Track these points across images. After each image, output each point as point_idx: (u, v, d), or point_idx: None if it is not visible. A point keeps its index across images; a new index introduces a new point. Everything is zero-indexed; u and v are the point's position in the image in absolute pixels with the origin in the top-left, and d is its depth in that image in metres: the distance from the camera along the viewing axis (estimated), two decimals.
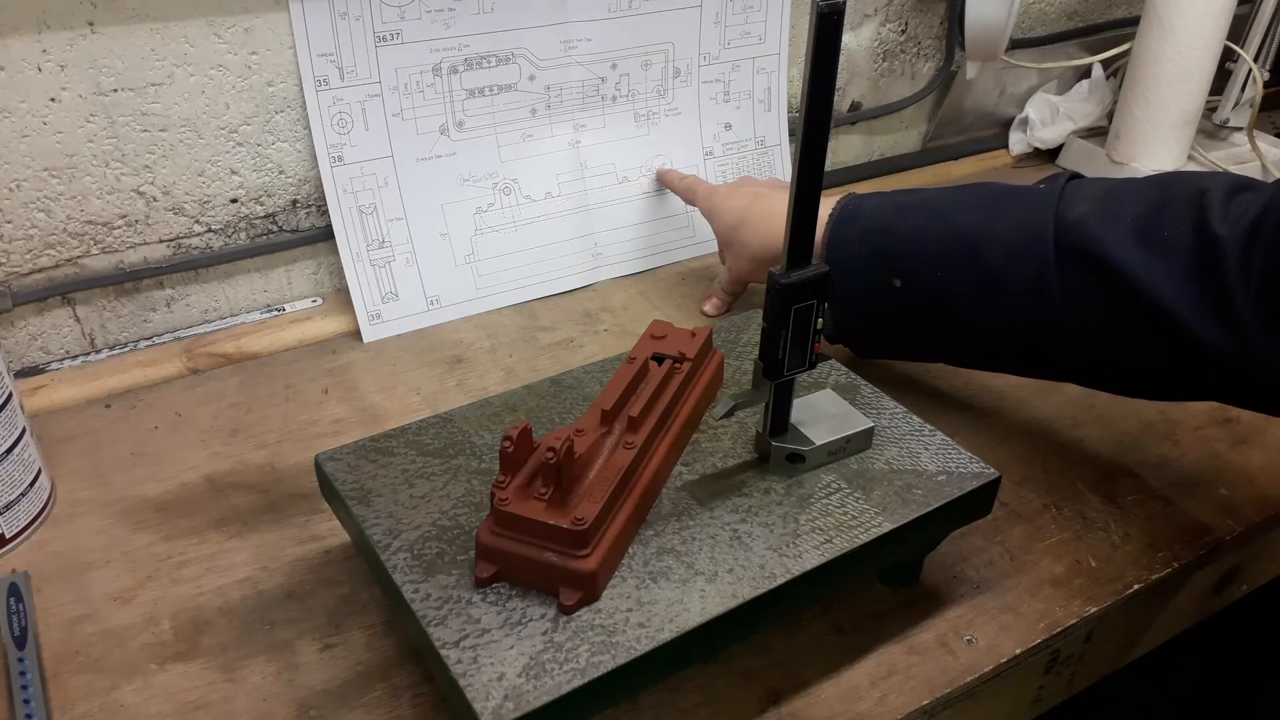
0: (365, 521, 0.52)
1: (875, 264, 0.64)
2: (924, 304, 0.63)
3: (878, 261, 0.64)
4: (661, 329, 0.61)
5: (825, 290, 0.51)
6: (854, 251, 0.65)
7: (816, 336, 0.52)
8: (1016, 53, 1.07)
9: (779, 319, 0.50)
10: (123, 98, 0.71)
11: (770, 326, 0.51)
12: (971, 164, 1.14)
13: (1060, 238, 0.58)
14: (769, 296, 0.50)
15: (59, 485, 0.66)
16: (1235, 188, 0.56)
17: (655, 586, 0.49)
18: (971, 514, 0.56)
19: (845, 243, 0.65)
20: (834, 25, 0.43)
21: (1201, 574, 0.66)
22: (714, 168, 0.95)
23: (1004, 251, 0.60)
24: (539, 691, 0.44)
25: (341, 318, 0.83)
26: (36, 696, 0.51)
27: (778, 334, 0.51)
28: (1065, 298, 0.58)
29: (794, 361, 0.52)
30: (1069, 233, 0.58)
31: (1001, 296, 0.60)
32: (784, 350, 0.51)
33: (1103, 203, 0.58)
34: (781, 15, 0.93)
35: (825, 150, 0.48)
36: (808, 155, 0.47)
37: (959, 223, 0.62)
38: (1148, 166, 1.04)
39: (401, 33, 0.77)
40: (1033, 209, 0.60)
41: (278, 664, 0.54)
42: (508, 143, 0.85)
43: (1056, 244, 0.58)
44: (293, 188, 0.81)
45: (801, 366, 0.53)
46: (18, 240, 0.72)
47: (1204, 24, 0.96)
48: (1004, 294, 0.60)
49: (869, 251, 0.64)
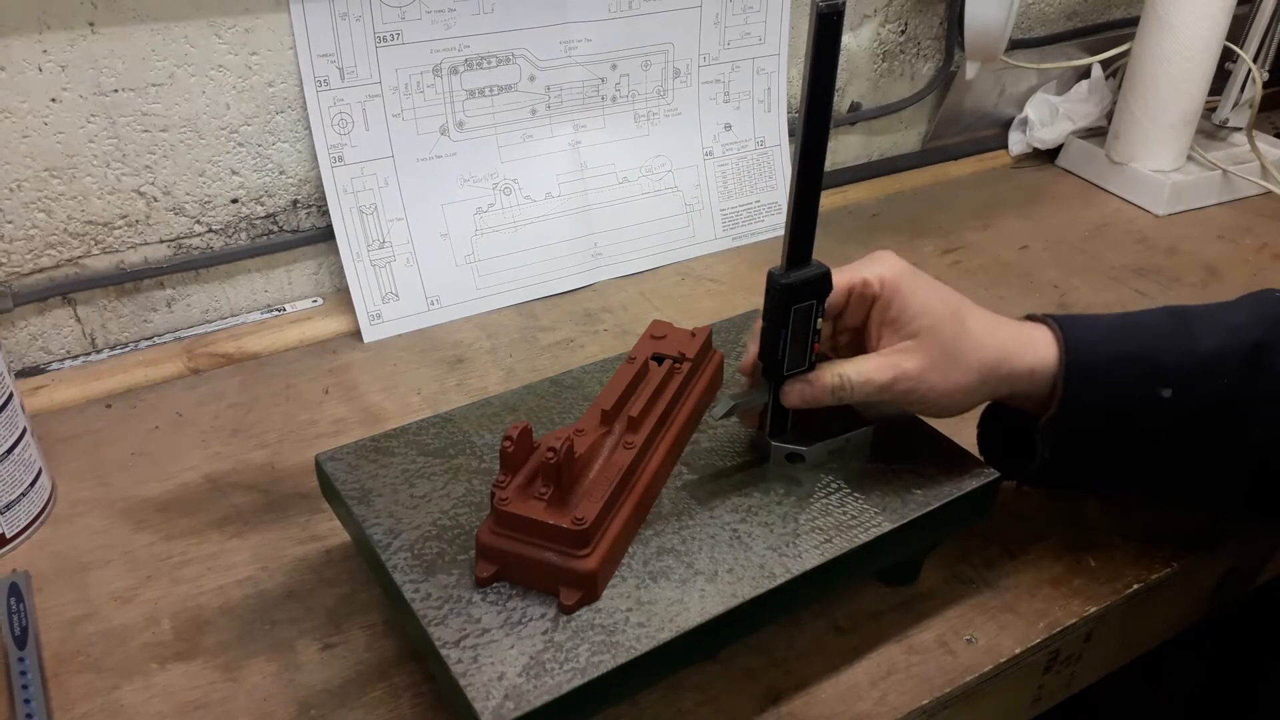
0: (365, 521, 0.52)
1: (1139, 372, 0.54)
2: (1195, 416, 0.54)
3: (1142, 369, 0.54)
4: (661, 329, 0.61)
5: (825, 291, 0.51)
6: (1103, 358, 0.54)
7: (816, 337, 0.52)
8: (1016, 53, 1.07)
9: (778, 319, 0.50)
10: (123, 98, 0.71)
11: (770, 326, 0.51)
12: (971, 164, 1.14)
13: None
14: (768, 297, 0.51)
15: (59, 485, 0.66)
16: None
17: (655, 586, 0.49)
18: (971, 514, 0.56)
19: (1090, 348, 0.54)
20: (834, 26, 0.43)
21: (1201, 574, 0.66)
22: (714, 168, 0.95)
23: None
24: (539, 691, 0.44)
25: (342, 318, 0.83)
26: (37, 696, 0.51)
27: (777, 334, 0.51)
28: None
29: (794, 362, 0.52)
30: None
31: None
32: (783, 350, 0.51)
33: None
34: (781, 15, 0.93)
35: (825, 149, 0.48)
36: (808, 154, 0.47)
37: (1231, 321, 0.55)
38: (1147, 166, 1.04)
39: (402, 33, 0.77)
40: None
41: (278, 664, 0.54)
42: (508, 143, 0.85)
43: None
44: (293, 188, 0.81)
45: (801, 367, 0.53)
46: (18, 240, 0.72)
47: (1204, 24, 0.96)
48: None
49: (1130, 356, 0.54)
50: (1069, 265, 0.94)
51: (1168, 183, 1.03)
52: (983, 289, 0.88)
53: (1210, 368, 0.53)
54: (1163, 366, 0.54)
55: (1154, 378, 0.53)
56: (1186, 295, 0.90)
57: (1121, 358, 0.54)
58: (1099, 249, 0.97)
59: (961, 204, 1.05)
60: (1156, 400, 0.53)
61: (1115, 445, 0.55)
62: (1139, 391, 0.54)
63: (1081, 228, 1.01)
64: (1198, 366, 0.53)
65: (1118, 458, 0.56)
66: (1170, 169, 1.04)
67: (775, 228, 0.98)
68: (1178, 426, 0.54)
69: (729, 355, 0.64)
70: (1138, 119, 1.03)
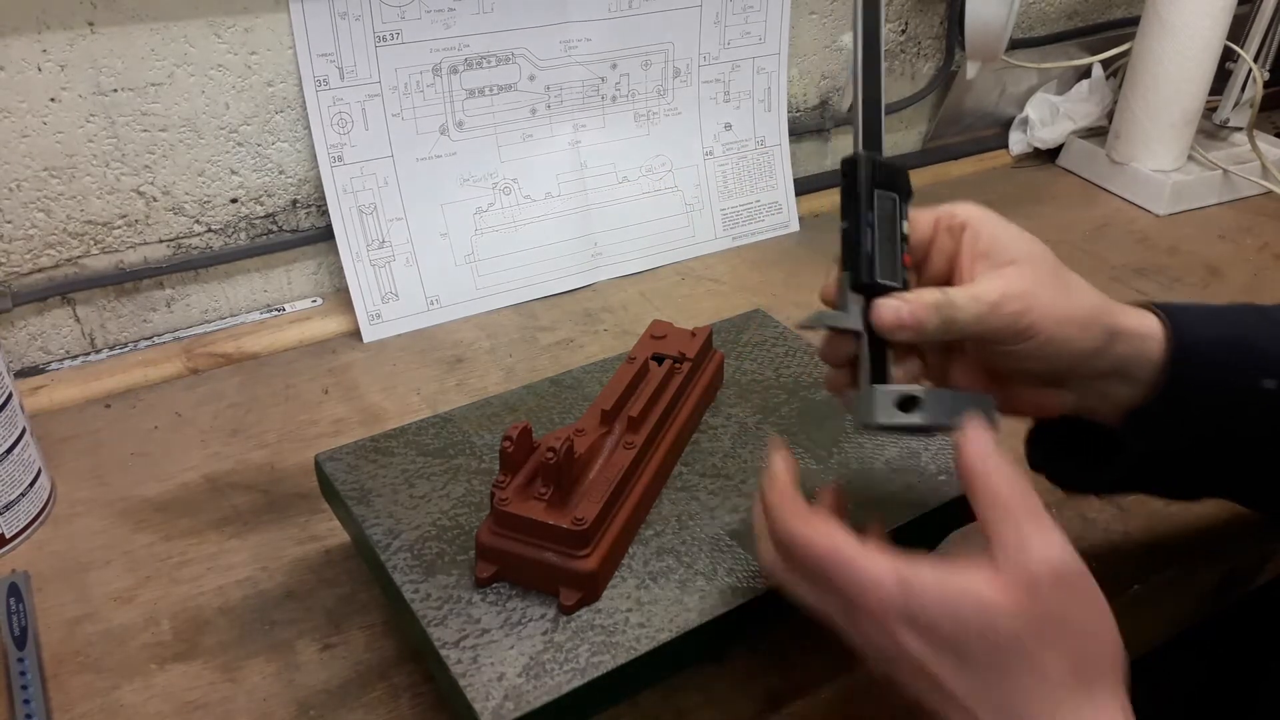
0: (365, 521, 0.52)
1: (1242, 358, 0.49)
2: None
3: (1245, 355, 0.49)
4: (661, 329, 0.61)
5: (906, 188, 0.45)
6: (1206, 339, 0.49)
7: (904, 245, 0.45)
8: (1016, 53, 1.07)
9: (862, 203, 0.44)
10: (123, 98, 0.71)
11: (852, 217, 0.44)
12: (971, 164, 1.14)
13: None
14: (844, 182, 0.45)
15: (59, 485, 0.66)
16: None
17: (655, 586, 0.49)
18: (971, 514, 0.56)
19: (1192, 329, 0.49)
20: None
21: (1201, 574, 0.66)
22: (714, 168, 0.95)
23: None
24: (539, 691, 0.44)
25: (341, 318, 0.83)
26: (36, 696, 0.51)
27: (860, 223, 0.44)
28: None
29: (885, 269, 0.44)
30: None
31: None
32: (872, 244, 0.43)
33: None
34: (781, 15, 0.93)
35: (881, 31, 0.46)
36: (870, 35, 0.45)
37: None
38: (1148, 166, 1.04)
39: (401, 33, 0.77)
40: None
41: (278, 664, 0.54)
42: (508, 143, 0.85)
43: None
44: (293, 188, 0.81)
45: (894, 281, 0.44)
46: (18, 240, 0.72)
47: (1204, 24, 0.96)
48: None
49: (1233, 340, 0.49)
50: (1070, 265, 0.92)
51: (1168, 182, 1.03)
52: None
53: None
54: (1265, 354, 0.49)
55: (1257, 366, 0.49)
56: (1187, 295, 0.90)
57: (1226, 341, 0.49)
58: (1100, 249, 0.97)
59: None
60: (1257, 390, 0.48)
61: (1214, 439, 0.50)
62: (1242, 380, 0.48)
63: (1082, 227, 1.01)
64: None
65: (1213, 454, 0.51)
66: (1171, 169, 1.04)
67: (775, 228, 0.98)
68: (1274, 421, 0.49)
69: (729, 355, 0.64)
70: (1138, 119, 1.03)
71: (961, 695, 0.39)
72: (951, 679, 0.39)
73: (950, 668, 0.38)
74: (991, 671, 0.38)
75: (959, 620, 0.38)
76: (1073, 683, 0.38)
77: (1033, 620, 0.37)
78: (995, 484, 0.40)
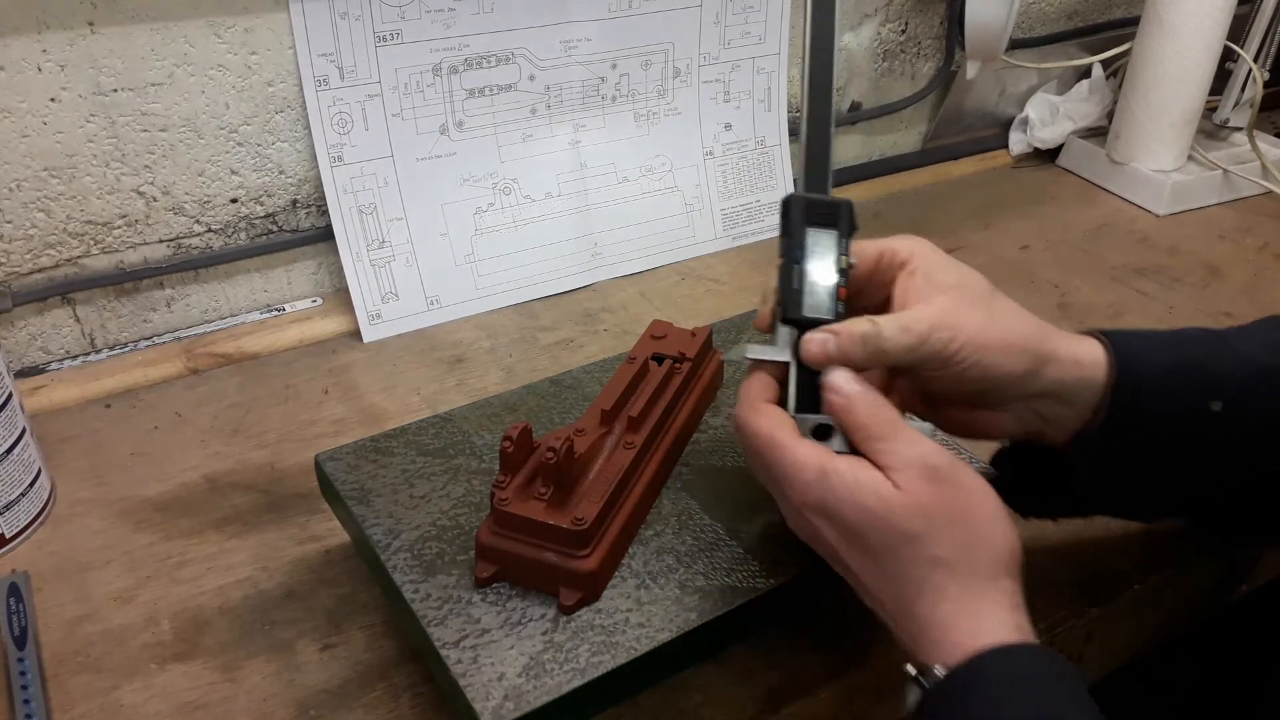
0: (365, 521, 0.52)
1: (1190, 382, 0.50)
2: (1242, 432, 0.50)
3: (1194, 379, 0.50)
4: (661, 329, 0.61)
5: (849, 223, 0.47)
6: (1154, 365, 0.50)
7: (843, 279, 0.47)
8: (1016, 53, 1.07)
9: (795, 243, 0.47)
10: (123, 98, 0.71)
11: (786, 255, 0.47)
12: (971, 164, 1.14)
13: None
14: (783, 221, 0.48)
15: (59, 485, 0.66)
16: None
17: (655, 586, 0.49)
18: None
19: (1139, 356, 0.50)
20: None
21: (1201, 574, 0.66)
22: (714, 168, 0.95)
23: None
24: (539, 691, 0.44)
25: (341, 318, 0.83)
26: (36, 696, 0.51)
27: (792, 262, 0.46)
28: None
29: (815, 304, 0.46)
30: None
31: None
32: (800, 281, 0.46)
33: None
34: (781, 15, 0.93)
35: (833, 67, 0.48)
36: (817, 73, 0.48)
37: (1269, 337, 0.52)
38: (1148, 166, 1.04)
39: (401, 33, 0.77)
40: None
41: (278, 664, 0.54)
42: (508, 143, 0.85)
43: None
44: (293, 188, 0.81)
45: (826, 314, 0.46)
46: (18, 240, 0.72)
47: (1204, 24, 0.96)
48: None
49: (1182, 365, 0.50)
50: (1070, 265, 0.94)
51: (1168, 182, 1.03)
52: None
53: (1262, 379, 0.50)
54: (1215, 377, 0.50)
55: (1205, 389, 0.50)
56: (1188, 295, 0.90)
57: (1173, 366, 0.50)
58: (1100, 249, 0.97)
59: (962, 204, 1.05)
60: (1205, 414, 0.50)
61: (1159, 463, 0.51)
62: (1190, 403, 0.50)
63: (1082, 227, 1.01)
64: (1249, 378, 0.50)
65: (1159, 477, 0.52)
66: (1171, 169, 1.04)
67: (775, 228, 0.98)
68: (1224, 443, 0.50)
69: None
70: (1138, 119, 1.03)
71: (866, 581, 0.43)
72: (858, 566, 0.43)
73: (857, 556, 0.43)
74: (889, 558, 0.42)
75: (863, 509, 0.42)
76: (962, 569, 0.41)
77: (921, 513, 0.41)
78: (858, 410, 0.44)
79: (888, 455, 0.43)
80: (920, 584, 0.42)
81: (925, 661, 0.42)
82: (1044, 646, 0.42)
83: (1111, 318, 0.86)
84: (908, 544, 0.42)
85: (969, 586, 0.41)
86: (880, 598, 0.43)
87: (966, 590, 0.41)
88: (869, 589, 0.44)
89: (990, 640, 0.40)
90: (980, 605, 0.41)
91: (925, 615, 0.42)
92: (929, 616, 0.42)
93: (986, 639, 0.40)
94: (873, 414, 0.44)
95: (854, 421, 0.44)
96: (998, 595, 0.42)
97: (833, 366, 0.45)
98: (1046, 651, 0.41)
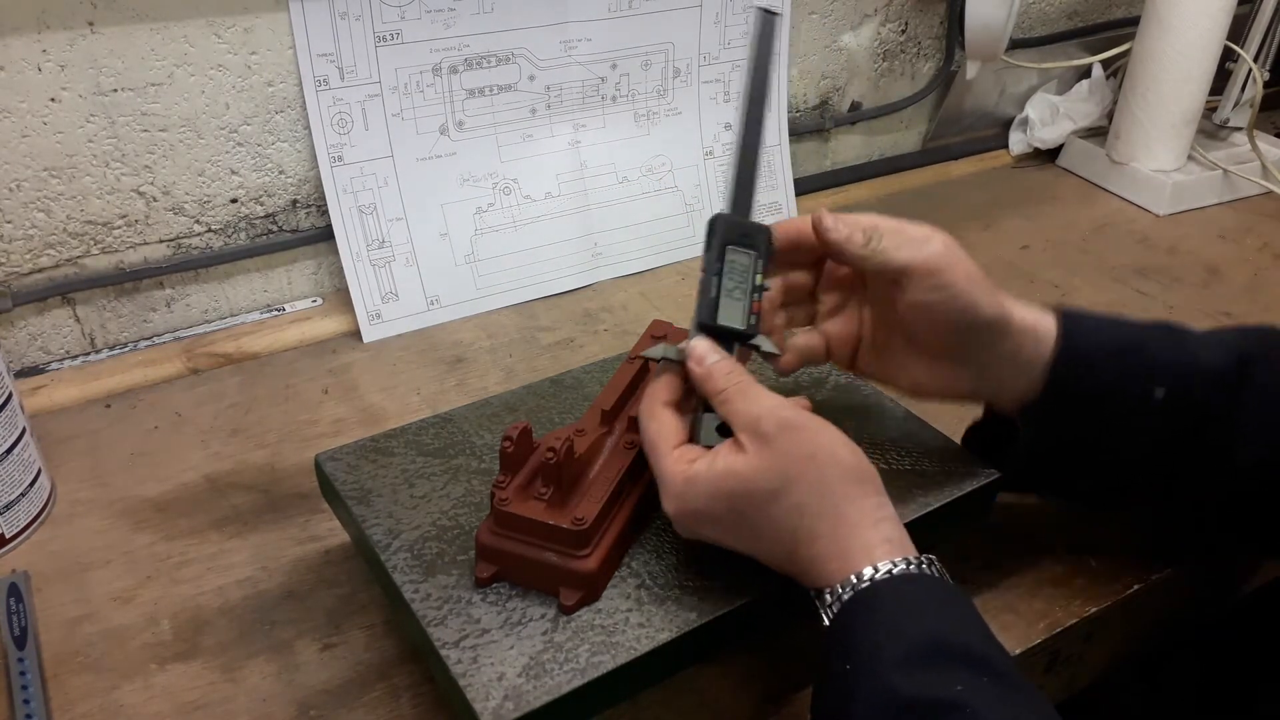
0: (365, 521, 0.52)
1: (1134, 366, 0.52)
2: (1184, 422, 0.52)
3: (1137, 364, 0.52)
4: (661, 329, 0.61)
5: (766, 246, 0.51)
6: (1099, 344, 0.52)
7: (757, 296, 0.50)
8: (1016, 53, 1.07)
9: (713, 256, 0.50)
10: (123, 98, 0.71)
11: (706, 266, 0.50)
12: (971, 164, 1.14)
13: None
14: (707, 237, 0.51)
15: (59, 485, 0.66)
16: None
17: (655, 586, 0.49)
18: (971, 514, 0.56)
19: (1087, 334, 0.53)
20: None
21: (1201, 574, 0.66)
22: (714, 168, 0.95)
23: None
24: (539, 691, 0.44)
25: (341, 318, 0.83)
26: (36, 696, 0.51)
27: (711, 276, 0.50)
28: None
29: (730, 314, 0.50)
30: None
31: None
32: (717, 291, 0.50)
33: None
34: (781, 15, 0.93)
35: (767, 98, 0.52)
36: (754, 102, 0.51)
37: (1222, 338, 0.55)
38: (1148, 166, 1.04)
39: (401, 33, 0.77)
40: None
41: (278, 664, 0.54)
42: (508, 143, 0.85)
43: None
44: (293, 188, 0.81)
45: (739, 325, 0.50)
46: (18, 240, 0.72)
47: (1204, 24, 0.96)
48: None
49: (1128, 348, 0.53)
50: (1070, 265, 0.94)
51: (1168, 182, 1.03)
52: None
53: (1205, 372, 0.53)
54: (1159, 364, 0.52)
55: (1149, 375, 0.52)
56: (1188, 295, 0.90)
57: (1119, 349, 0.53)
58: (1100, 249, 0.97)
59: (962, 204, 1.05)
60: (1148, 399, 0.52)
61: (1099, 441, 0.54)
62: (1132, 386, 0.52)
63: (1082, 227, 1.01)
64: (1192, 370, 0.53)
65: (1100, 457, 0.54)
66: (1171, 169, 1.04)
67: None
68: (1165, 431, 0.53)
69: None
70: (1138, 119, 1.03)
71: (756, 550, 0.47)
72: (747, 543, 0.47)
73: (745, 534, 0.47)
74: (764, 521, 0.45)
75: (727, 494, 0.45)
76: (826, 509, 0.45)
77: (773, 469, 0.45)
78: (715, 377, 0.48)
79: (735, 416, 0.47)
80: (794, 532, 0.45)
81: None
82: (904, 563, 0.44)
83: None
84: (773, 501, 0.45)
85: (837, 523, 0.45)
86: (772, 558, 0.47)
87: (836, 526, 0.45)
88: (760, 555, 0.47)
89: (864, 563, 0.44)
90: (850, 538, 0.45)
91: (805, 557, 0.45)
92: (809, 557, 0.45)
93: (859, 563, 0.44)
94: (726, 378, 0.48)
95: (712, 388, 0.48)
96: (859, 519, 0.45)
97: (701, 339, 0.49)
98: (914, 573, 0.44)
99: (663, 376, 0.50)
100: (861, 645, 0.42)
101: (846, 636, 0.43)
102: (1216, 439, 0.53)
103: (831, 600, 0.44)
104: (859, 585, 0.43)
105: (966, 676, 0.40)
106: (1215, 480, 0.54)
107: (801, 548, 0.45)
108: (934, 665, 0.41)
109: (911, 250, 0.50)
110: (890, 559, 0.44)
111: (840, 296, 0.56)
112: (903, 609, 0.43)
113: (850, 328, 0.56)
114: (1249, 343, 0.54)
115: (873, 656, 0.41)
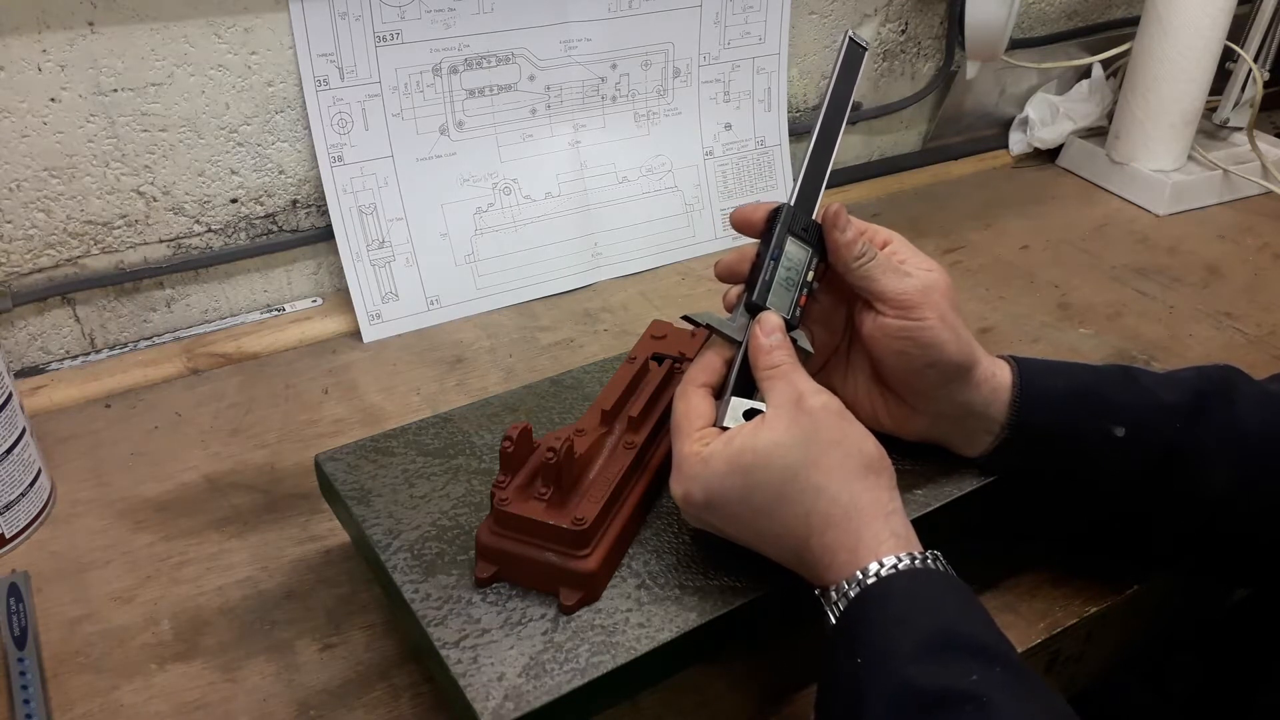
0: (365, 521, 0.52)
1: (1091, 408, 0.53)
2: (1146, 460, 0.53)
3: (1094, 405, 0.53)
4: (661, 329, 0.61)
5: (821, 246, 0.52)
6: (1055, 389, 0.54)
7: (807, 289, 0.52)
8: (1016, 53, 1.07)
9: (770, 243, 0.51)
10: (123, 98, 0.71)
11: (763, 249, 0.51)
12: (971, 164, 1.14)
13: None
14: (767, 223, 0.52)
15: (59, 485, 0.66)
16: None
17: (655, 586, 0.49)
18: (971, 514, 0.56)
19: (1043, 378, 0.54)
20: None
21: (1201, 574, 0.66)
22: (714, 168, 0.95)
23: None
24: (539, 691, 0.44)
25: (341, 318, 0.83)
26: (36, 696, 0.51)
27: (764, 257, 0.51)
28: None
29: (778, 300, 0.51)
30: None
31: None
32: (768, 272, 0.51)
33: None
34: (781, 15, 0.93)
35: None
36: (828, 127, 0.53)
37: (1177, 376, 0.55)
38: (1148, 166, 1.04)
39: (401, 33, 0.77)
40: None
41: (278, 664, 0.54)
42: (508, 143, 0.85)
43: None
44: (293, 188, 0.81)
45: (784, 313, 0.51)
46: (18, 240, 0.72)
47: (1204, 24, 0.96)
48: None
49: (1083, 391, 0.54)
50: (1070, 265, 0.94)
51: (1168, 182, 1.03)
52: (984, 289, 0.88)
53: (1163, 409, 0.53)
54: (1115, 405, 0.53)
55: (1106, 415, 0.53)
56: (1187, 295, 0.90)
57: (1074, 392, 0.54)
58: (1100, 249, 0.97)
59: (962, 204, 1.05)
60: (1109, 438, 0.53)
61: (1068, 482, 0.55)
62: (1091, 426, 0.53)
63: (1082, 227, 1.01)
64: (1149, 408, 0.53)
65: (1069, 498, 0.56)
66: (1171, 169, 1.04)
67: None
68: (1130, 469, 0.53)
69: None
70: (1138, 119, 1.03)
71: (766, 537, 0.47)
72: (759, 534, 0.47)
73: (758, 523, 0.46)
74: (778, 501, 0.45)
75: (745, 472, 0.45)
76: (843, 492, 0.45)
77: (797, 443, 0.45)
78: (777, 351, 0.49)
79: (780, 391, 0.47)
80: (808, 516, 0.45)
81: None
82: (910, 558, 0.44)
83: (1111, 317, 0.86)
84: (791, 480, 0.45)
85: (850, 509, 0.45)
86: (781, 547, 0.47)
87: (849, 513, 0.45)
88: (768, 543, 0.47)
89: (871, 558, 0.44)
90: (862, 529, 0.45)
91: (817, 546, 0.45)
92: (820, 546, 0.45)
93: (866, 558, 0.44)
94: (786, 355, 0.49)
95: (769, 361, 0.49)
96: (873, 509, 0.45)
97: (773, 313, 0.50)
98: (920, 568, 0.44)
99: (705, 357, 0.51)
100: (872, 640, 0.42)
101: (855, 633, 0.43)
102: (1183, 472, 0.53)
103: (838, 597, 0.44)
104: (866, 581, 0.43)
105: (979, 667, 0.40)
106: (1187, 514, 0.54)
107: (814, 536, 0.45)
108: (947, 657, 0.41)
109: (894, 280, 0.51)
110: (896, 554, 0.44)
111: (831, 301, 0.56)
112: (912, 603, 0.43)
113: (831, 338, 0.56)
114: (1204, 382, 0.55)
115: (884, 651, 0.41)
